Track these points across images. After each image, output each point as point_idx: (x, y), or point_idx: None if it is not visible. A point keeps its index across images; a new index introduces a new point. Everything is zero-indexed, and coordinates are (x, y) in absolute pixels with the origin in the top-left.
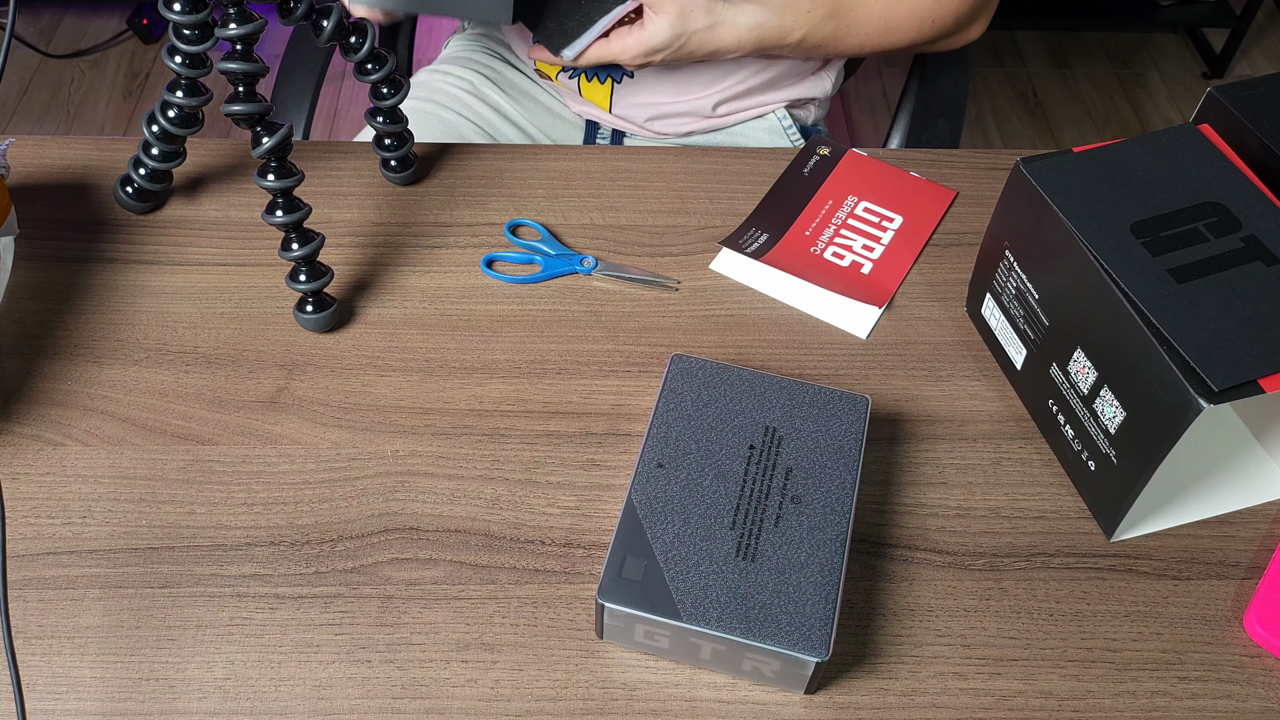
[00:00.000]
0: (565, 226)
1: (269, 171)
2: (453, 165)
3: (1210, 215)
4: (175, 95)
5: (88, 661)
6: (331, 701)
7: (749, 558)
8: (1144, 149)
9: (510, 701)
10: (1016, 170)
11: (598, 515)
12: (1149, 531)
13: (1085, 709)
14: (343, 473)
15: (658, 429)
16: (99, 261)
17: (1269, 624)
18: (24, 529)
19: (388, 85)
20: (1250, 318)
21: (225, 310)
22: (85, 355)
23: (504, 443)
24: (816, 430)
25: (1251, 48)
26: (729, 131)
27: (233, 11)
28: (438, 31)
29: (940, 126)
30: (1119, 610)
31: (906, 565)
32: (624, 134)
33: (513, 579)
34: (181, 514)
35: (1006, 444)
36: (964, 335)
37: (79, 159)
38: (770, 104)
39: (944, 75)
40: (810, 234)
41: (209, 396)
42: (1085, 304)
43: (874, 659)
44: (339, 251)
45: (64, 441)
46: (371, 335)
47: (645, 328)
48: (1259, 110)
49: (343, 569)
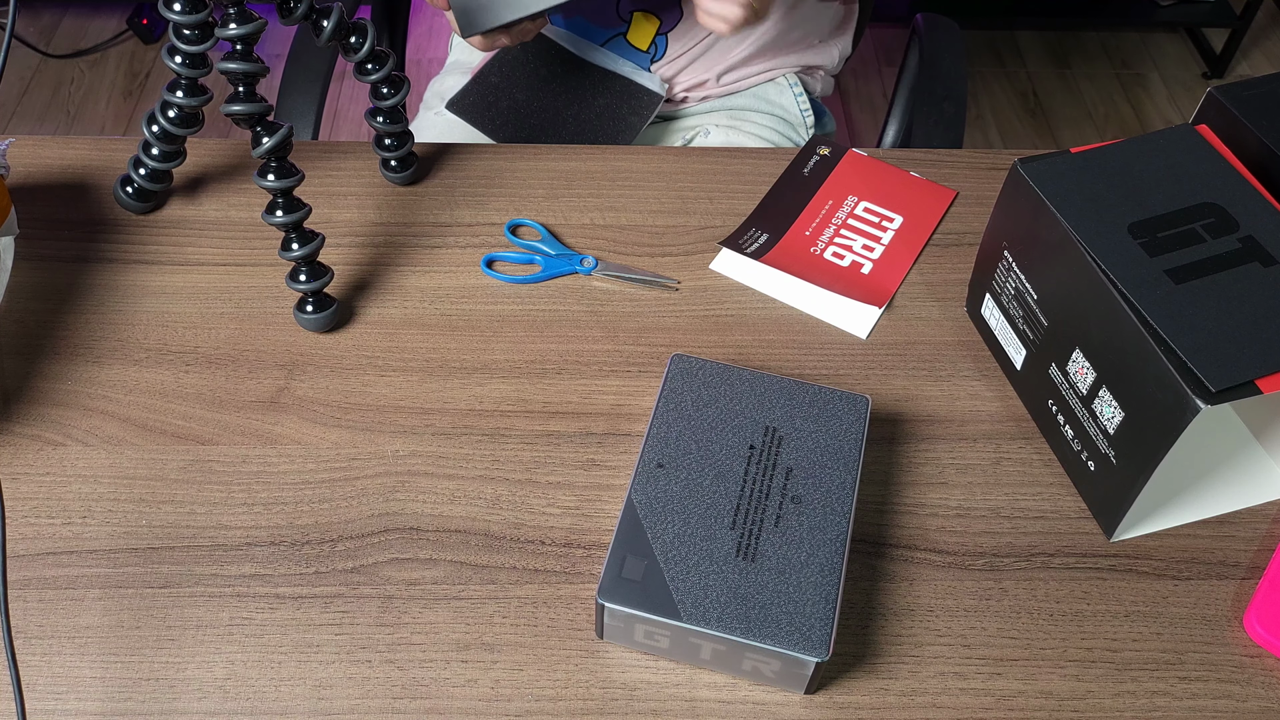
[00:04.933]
0: (565, 226)
1: (269, 171)
2: (453, 165)
3: (1208, 216)
4: (175, 95)
5: (88, 661)
6: (331, 701)
7: (749, 558)
8: (1142, 149)
9: (510, 701)
10: (1014, 171)
11: (598, 515)
12: (1149, 531)
13: (1085, 709)
14: (343, 473)
15: (658, 429)
16: (99, 261)
17: (1269, 624)
18: (24, 529)
19: (388, 85)
20: (1248, 318)
21: (225, 310)
22: (85, 355)
23: (504, 443)
24: (816, 430)
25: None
26: (742, 94)
27: (233, 11)
28: (439, 32)
29: (946, 109)
30: (1119, 610)
31: (906, 565)
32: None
33: (513, 579)
34: (181, 514)
35: (1006, 444)
36: (964, 335)
37: (79, 159)
38: (779, 68)
39: (943, 57)
40: (810, 234)
41: (209, 396)
42: (1083, 304)
43: (874, 659)
44: (339, 251)
45: (64, 441)
46: (371, 335)
47: (645, 328)
48: (1259, 110)
49: (343, 569)
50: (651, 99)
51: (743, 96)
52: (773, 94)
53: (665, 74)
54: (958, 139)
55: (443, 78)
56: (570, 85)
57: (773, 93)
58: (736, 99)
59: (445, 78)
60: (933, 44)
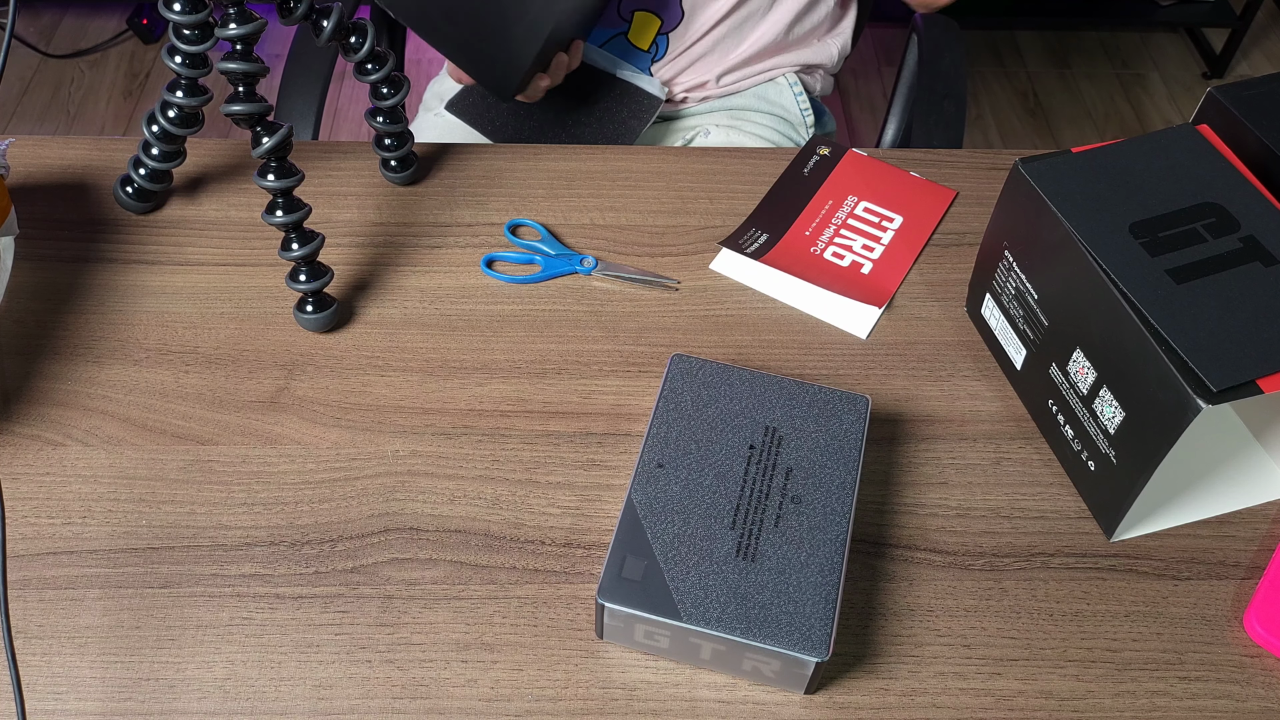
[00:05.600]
0: (565, 226)
1: (269, 171)
2: (453, 165)
3: (1209, 216)
4: (175, 95)
5: (88, 661)
6: (331, 701)
7: (749, 558)
8: (1142, 149)
9: (510, 701)
10: (1015, 171)
11: (598, 515)
12: (1149, 531)
13: (1085, 709)
14: (343, 473)
15: (658, 429)
16: (99, 261)
17: (1269, 624)
18: (24, 529)
19: (388, 85)
20: (1248, 318)
21: (225, 310)
22: (85, 355)
23: (504, 443)
24: (816, 430)
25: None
26: (742, 94)
27: (233, 11)
28: None
29: (946, 109)
30: (1119, 610)
31: (906, 565)
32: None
33: (513, 579)
34: (181, 514)
35: (1006, 444)
36: (964, 335)
37: (79, 159)
38: (779, 68)
39: (943, 56)
40: (810, 234)
41: (209, 396)
42: (1084, 304)
43: (874, 659)
44: (339, 251)
45: (64, 441)
46: (371, 335)
47: (645, 328)
48: (1259, 110)
49: (343, 569)
50: (651, 102)
51: (743, 96)
52: (772, 94)
53: (665, 75)
54: (957, 139)
55: (442, 79)
56: (570, 87)
57: (772, 92)
58: (736, 99)
59: (444, 79)
60: (932, 43)
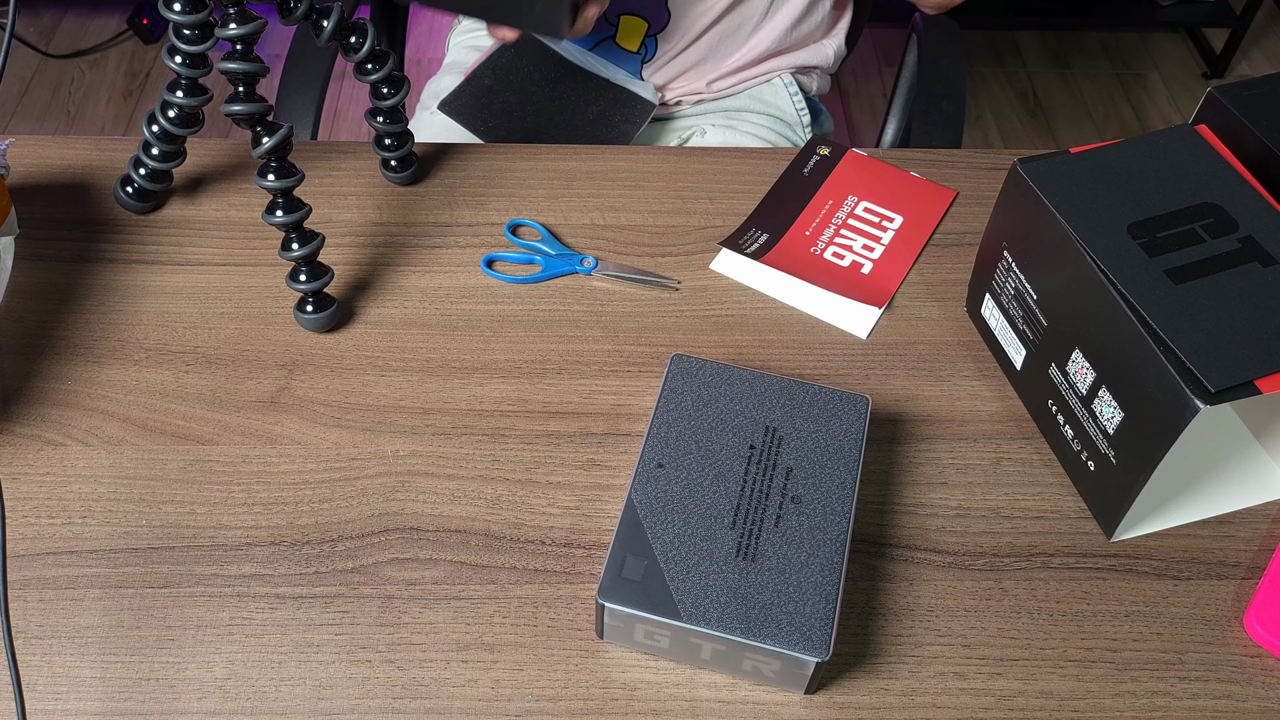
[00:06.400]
0: (565, 226)
1: (269, 171)
2: (453, 165)
3: (1207, 216)
4: (175, 95)
5: (88, 661)
6: (331, 701)
7: (749, 558)
8: (1141, 150)
9: (510, 701)
10: (1014, 171)
11: (598, 515)
12: (1149, 531)
13: (1085, 709)
14: (343, 473)
15: (658, 429)
16: (99, 261)
17: (1269, 624)
18: (24, 529)
19: (388, 85)
20: (1247, 318)
21: (225, 310)
22: (85, 355)
23: (504, 443)
24: (816, 430)
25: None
26: (737, 95)
27: (233, 11)
28: (438, 32)
29: (946, 109)
30: (1119, 610)
31: (906, 565)
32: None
33: (513, 579)
34: (181, 514)
35: (1006, 444)
36: (964, 335)
37: (79, 159)
38: (774, 70)
39: (942, 56)
40: (810, 234)
41: (209, 396)
42: (1083, 305)
43: (874, 659)
44: (339, 251)
45: (64, 441)
46: (371, 335)
47: (645, 328)
48: (1259, 110)
49: (343, 569)
50: (644, 106)
51: (738, 98)
52: (768, 94)
53: (658, 78)
54: (957, 139)
55: (439, 78)
56: (564, 90)
57: (768, 93)
58: (731, 100)
59: (441, 78)
60: (932, 43)
